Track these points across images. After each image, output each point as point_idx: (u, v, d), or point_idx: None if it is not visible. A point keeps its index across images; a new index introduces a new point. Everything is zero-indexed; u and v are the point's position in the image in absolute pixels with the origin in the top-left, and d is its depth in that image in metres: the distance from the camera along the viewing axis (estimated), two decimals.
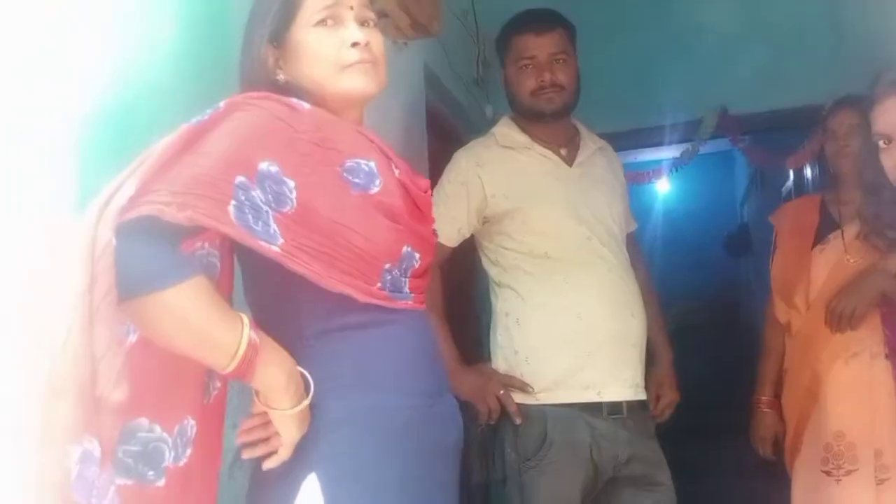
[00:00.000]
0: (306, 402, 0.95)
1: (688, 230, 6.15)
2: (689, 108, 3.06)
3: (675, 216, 5.83)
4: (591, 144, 1.94)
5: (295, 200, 0.93)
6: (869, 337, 1.88)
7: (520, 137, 1.88)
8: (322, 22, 1.06)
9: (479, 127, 2.88)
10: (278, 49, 1.06)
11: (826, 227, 2.06)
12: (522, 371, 1.77)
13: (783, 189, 4.45)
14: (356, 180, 1.00)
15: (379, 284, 1.01)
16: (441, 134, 2.49)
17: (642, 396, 1.83)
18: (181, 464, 0.92)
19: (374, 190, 1.01)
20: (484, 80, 2.89)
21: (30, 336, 0.84)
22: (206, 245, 0.97)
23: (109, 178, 0.86)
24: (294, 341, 0.97)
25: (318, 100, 1.05)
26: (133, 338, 0.87)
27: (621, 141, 2.78)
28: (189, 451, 0.93)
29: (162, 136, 0.89)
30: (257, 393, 0.95)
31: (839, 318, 1.86)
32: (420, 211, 1.10)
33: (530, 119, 1.89)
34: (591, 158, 1.93)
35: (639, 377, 1.82)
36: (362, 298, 0.98)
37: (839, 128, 2.01)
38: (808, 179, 3.77)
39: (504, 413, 1.76)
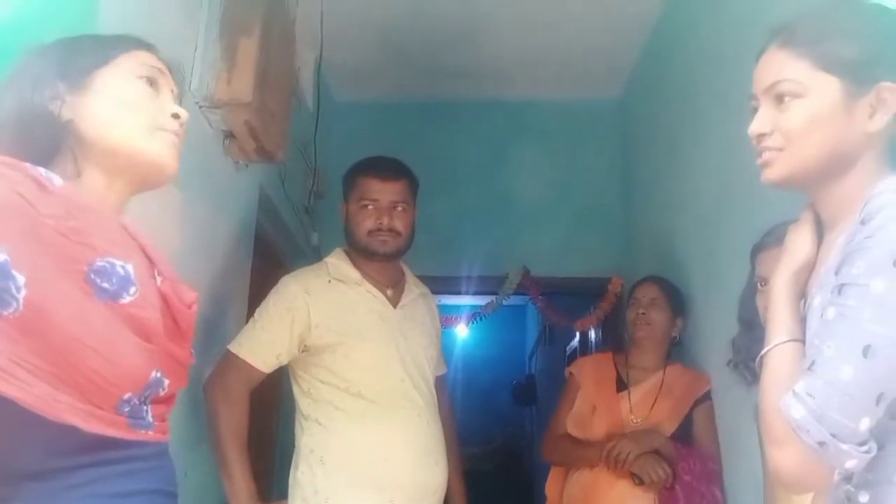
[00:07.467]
0: None
1: (481, 375, 6.41)
2: (496, 264, 3.35)
3: (470, 360, 6.08)
4: (414, 289, 2.03)
5: (21, 302, 0.75)
6: None
7: (351, 273, 1.91)
8: (144, 78, 0.97)
9: (303, 252, 2.92)
10: (70, 87, 0.93)
11: (617, 384, 2.23)
12: None
13: (568, 347, 4.88)
14: (104, 285, 0.83)
15: (114, 412, 0.84)
16: (266, 254, 2.48)
17: None
18: None
19: (126, 300, 0.85)
20: (313, 210, 2.97)
21: None
22: None
23: None
24: None
25: (97, 155, 0.92)
26: None
27: (433, 285, 2.94)
28: None
29: None
30: None
31: (615, 460, 2.00)
32: (179, 329, 0.95)
33: (363, 256, 1.93)
34: (414, 302, 2.00)
35: None
36: (89, 429, 0.80)
37: (643, 298, 2.25)
38: (591, 341, 4.18)
39: None
